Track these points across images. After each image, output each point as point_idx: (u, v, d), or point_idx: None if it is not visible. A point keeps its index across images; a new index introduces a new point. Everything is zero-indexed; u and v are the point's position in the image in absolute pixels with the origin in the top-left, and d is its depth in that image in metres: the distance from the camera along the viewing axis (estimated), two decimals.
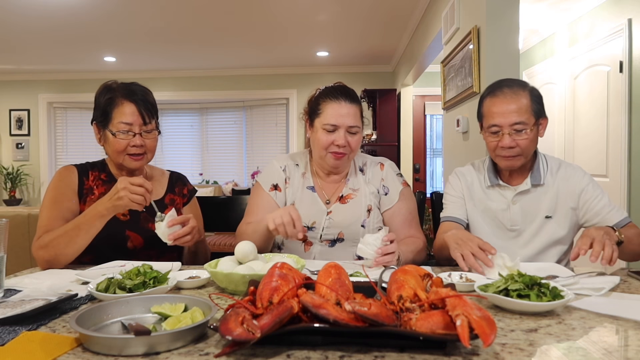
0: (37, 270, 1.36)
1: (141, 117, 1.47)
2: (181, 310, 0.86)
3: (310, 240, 1.58)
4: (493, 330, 0.66)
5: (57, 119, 7.46)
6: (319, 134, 1.53)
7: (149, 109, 1.50)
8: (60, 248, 1.35)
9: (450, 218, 1.61)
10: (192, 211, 1.68)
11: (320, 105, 1.54)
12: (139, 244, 1.52)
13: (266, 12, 4.50)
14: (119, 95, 1.48)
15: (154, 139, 1.53)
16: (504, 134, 1.45)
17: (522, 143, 1.45)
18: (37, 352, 0.73)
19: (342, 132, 1.50)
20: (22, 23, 4.75)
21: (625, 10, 3.47)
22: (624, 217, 1.47)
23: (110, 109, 1.47)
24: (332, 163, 1.56)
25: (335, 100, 1.52)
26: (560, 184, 1.53)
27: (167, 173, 1.72)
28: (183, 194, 1.68)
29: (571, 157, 4.20)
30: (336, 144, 1.51)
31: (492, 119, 1.47)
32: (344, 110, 1.51)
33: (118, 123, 1.46)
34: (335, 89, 1.56)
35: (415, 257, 1.48)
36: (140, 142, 1.48)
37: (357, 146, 1.56)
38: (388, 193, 1.62)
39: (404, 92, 6.11)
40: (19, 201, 7.15)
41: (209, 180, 7.39)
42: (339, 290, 0.82)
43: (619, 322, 0.87)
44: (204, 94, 7.23)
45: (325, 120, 1.51)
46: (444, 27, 3.52)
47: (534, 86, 1.53)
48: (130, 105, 1.47)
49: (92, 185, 1.54)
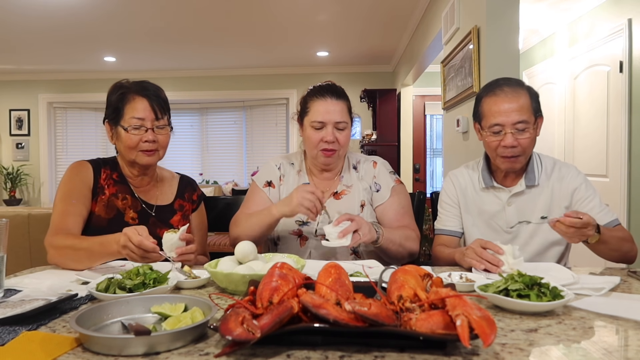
0: (37, 270, 1.36)
1: (153, 112, 1.47)
2: (181, 310, 0.86)
3: (306, 236, 1.60)
4: (493, 330, 0.66)
5: (57, 119, 7.46)
6: (308, 132, 1.57)
7: (161, 104, 1.50)
8: (67, 259, 1.34)
9: (444, 231, 1.64)
10: (200, 218, 1.68)
11: (308, 104, 1.59)
12: None
13: (266, 12, 4.50)
14: (131, 91, 1.48)
15: (166, 134, 1.52)
16: (506, 133, 1.44)
17: (524, 142, 1.45)
18: (37, 352, 0.73)
19: (330, 128, 1.54)
20: (22, 23, 4.75)
21: (625, 10, 3.47)
22: (613, 219, 1.47)
23: (122, 105, 1.47)
24: (323, 161, 1.59)
25: (321, 98, 1.56)
26: (554, 184, 1.53)
27: (177, 177, 1.70)
28: (192, 199, 1.67)
29: (571, 157, 4.20)
30: (325, 141, 1.54)
31: (494, 118, 1.46)
32: (331, 107, 1.54)
33: (130, 118, 1.46)
34: (322, 87, 1.60)
35: (403, 242, 1.51)
36: (152, 138, 1.47)
37: (346, 142, 1.59)
38: (380, 190, 1.64)
39: (404, 92, 6.11)
40: (19, 201, 7.15)
41: (209, 180, 7.40)
42: (339, 290, 0.82)
43: (619, 322, 0.87)
44: (204, 94, 7.23)
45: (312, 117, 1.55)
46: (444, 27, 3.52)
47: (529, 85, 1.54)
48: (142, 100, 1.47)
49: (103, 184, 1.53)
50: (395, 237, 1.50)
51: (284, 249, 1.62)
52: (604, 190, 3.69)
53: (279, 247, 1.64)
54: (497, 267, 1.23)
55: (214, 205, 1.98)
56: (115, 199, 1.52)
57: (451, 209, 1.64)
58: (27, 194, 7.36)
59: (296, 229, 1.61)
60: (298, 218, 1.60)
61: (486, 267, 1.24)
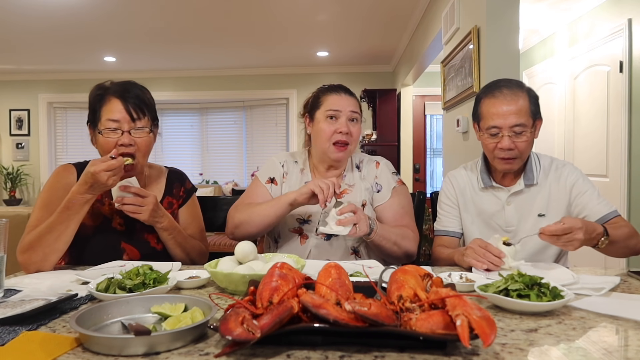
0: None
1: (128, 113, 1.40)
2: (181, 310, 0.86)
3: (306, 234, 1.60)
4: (493, 330, 0.66)
5: (57, 119, 7.46)
6: (322, 124, 1.58)
7: (138, 105, 1.42)
8: (49, 244, 1.29)
9: (444, 232, 1.64)
10: (190, 211, 1.62)
11: (321, 99, 1.61)
12: (135, 257, 1.46)
13: (266, 12, 4.50)
14: (108, 92, 1.43)
15: (146, 137, 1.44)
16: (503, 135, 1.44)
17: (521, 145, 1.45)
18: (37, 352, 0.73)
19: (343, 119, 1.56)
20: (22, 23, 4.75)
21: (625, 10, 3.47)
22: (612, 211, 1.46)
23: (99, 107, 1.42)
24: (335, 156, 1.59)
25: (335, 92, 1.61)
26: (552, 183, 1.53)
27: (165, 171, 1.64)
28: (179, 195, 1.61)
29: (571, 157, 4.20)
30: (339, 132, 1.55)
31: (492, 120, 1.46)
32: (344, 100, 1.59)
33: (106, 120, 1.40)
34: (334, 85, 1.65)
35: (399, 240, 1.51)
36: (128, 141, 1.39)
37: (358, 136, 1.61)
38: (381, 190, 1.64)
39: (404, 92, 6.11)
40: (19, 201, 7.15)
41: (209, 180, 7.40)
42: (339, 290, 0.82)
43: (619, 322, 0.87)
44: (204, 94, 7.23)
45: (327, 107, 1.58)
46: (444, 27, 3.52)
47: (530, 87, 1.54)
48: (117, 102, 1.40)
49: None
50: (390, 235, 1.49)
51: (284, 246, 1.62)
52: (604, 190, 3.69)
53: (279, 244, 1.64)
54: (498, 266, 1.24)
55: (214, 205, 1.98)
56: (100, 205, 1.47)
57: (450, 210, 1.64)
58: (27, 194, 7.36)
59: (297, 227, 1.61)
60: (299, 215, 1.60)
61: (488, 266, 1.25)
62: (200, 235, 1.63)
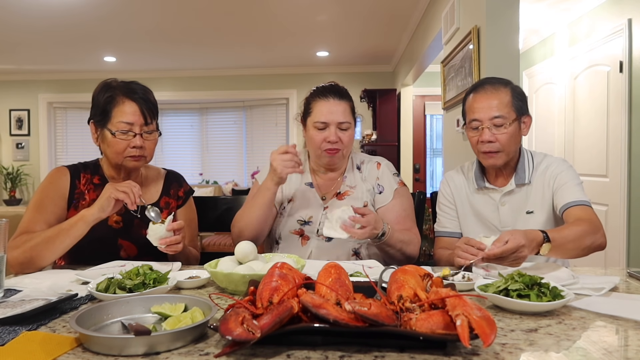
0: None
1: (143, 116, 1.41)
2: (181, 310, 0.86)
3: (307, 235, 1.60)
4: (493, 330, 0.66)
5: (57, 119, 7.46)
6: (311, 132, 1.57)
7: (150, 109, 1.44)
8: (38, 250, 1.28)
9: (444, 233, 1.64)
10: (187, 214, 1.62)
11: (311, 105, 1.59)
12: (133, 253, 1.47)
13: (266, 12, 4.50)
14: (119, 93, 1.42)
15: (154, 140, 1.47)
16: (483, 128, 1.47)
17: (502, 138, 1.46)
18: (37, 352, 0.73)
19: (332, 128, 1.54)
20: (22, 23, 4.74)
21: (625, 10, 3.47)
22: (580, 200, 1.41)
23: (110, 108, 1.41)
24: (326, 161, 1.60)
25: (324, 99, 1.57)
26: (541, 177, 1.53)
27: (164, 173, 1.65)
28: (178, 195, 1.62)
29: (571, 157, 4.20)
30: (328, 141, 1.54)
31: (473, 113, 1.49)
32: (333, 107, 1.55)
33: (118, 122, 1.40)
34: (325, 88, 1.61)
35: (404, 247, 1.50)
36: (140, 143, 1.41)
37: (350, 142, 1.59)
38: (383, 192, 1.64)
39: (404, 92, 6.11)
40: (19, 201, 7.15)
41: (209, 180, 7.40)
42: (339, 290, 0.82)
43: (619, 322, 0.87)
44: (204, 94, 7.23)
45: (315, 118, 1.56)
46: (444, 27, 3.52)
47: (517, 85, 1.55)
48: (131, 104, 1.41)
49: (83, 189, 1.48)
50: (396, 242, 1.48)
51: (285, 248, 1.62)
52: (604, 190, 3.69)
53: (280, 246, 1.64)
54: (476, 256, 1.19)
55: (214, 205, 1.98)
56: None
57: (449, 211, 1.65)
58: (27, 194, 7.36)
59: (298, 229, 1.61)
60: (300, 217, 1.60)
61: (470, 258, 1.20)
62: (193, 241, 1.63)
